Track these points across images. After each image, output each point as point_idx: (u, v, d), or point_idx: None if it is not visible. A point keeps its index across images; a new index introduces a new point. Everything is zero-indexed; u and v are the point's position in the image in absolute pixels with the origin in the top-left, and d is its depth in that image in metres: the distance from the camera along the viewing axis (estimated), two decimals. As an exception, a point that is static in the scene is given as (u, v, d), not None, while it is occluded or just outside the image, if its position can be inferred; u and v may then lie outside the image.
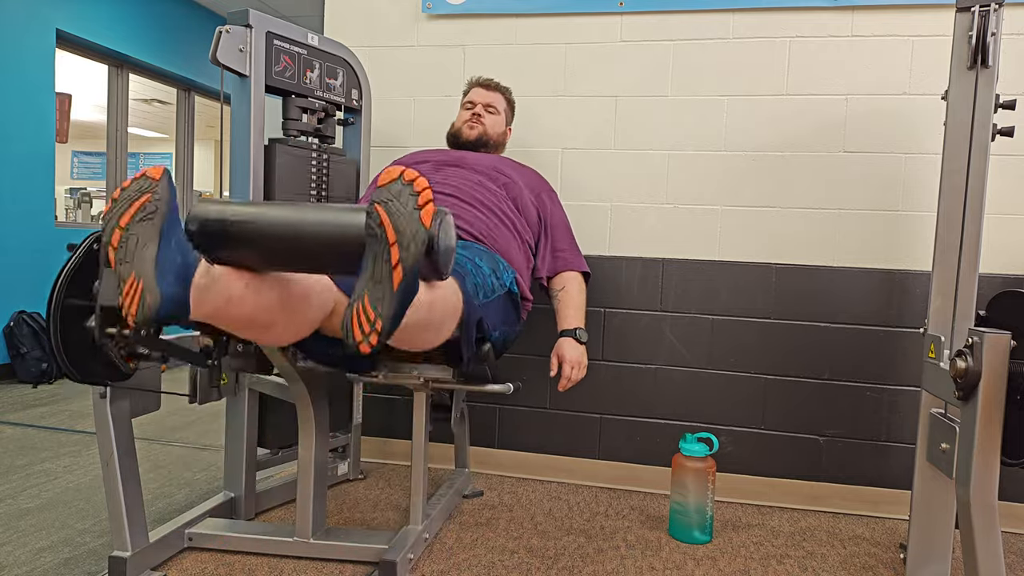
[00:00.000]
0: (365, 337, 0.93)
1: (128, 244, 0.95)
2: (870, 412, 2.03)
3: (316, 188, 1.92)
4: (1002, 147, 1.61)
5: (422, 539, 1.63)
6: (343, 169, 2.00)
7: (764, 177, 2.08)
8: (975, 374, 1.18)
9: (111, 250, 0.95)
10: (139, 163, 8.56)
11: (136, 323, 0.93)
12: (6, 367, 3.67)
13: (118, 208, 0.96)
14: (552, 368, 1.79)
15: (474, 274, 1.48)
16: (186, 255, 1.00)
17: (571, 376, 1.77)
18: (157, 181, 0.98)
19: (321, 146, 1.93)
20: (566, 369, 1.77)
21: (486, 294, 1.51)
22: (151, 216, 0.96)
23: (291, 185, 1.84)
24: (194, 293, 0.99)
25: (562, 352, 1.79)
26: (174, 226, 0.98)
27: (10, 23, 3.72)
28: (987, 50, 1.41)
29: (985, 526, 1.20)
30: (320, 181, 1.92)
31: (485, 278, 1.53)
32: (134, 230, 0.95)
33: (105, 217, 0.97)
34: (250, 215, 1.05)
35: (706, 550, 1.73)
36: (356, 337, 0.93)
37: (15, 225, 3.76)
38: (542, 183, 2.00)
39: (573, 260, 1.93)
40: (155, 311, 0.93)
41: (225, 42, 1.65)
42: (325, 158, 1.94)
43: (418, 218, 0.94)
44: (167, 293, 0.94)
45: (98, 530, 1.74)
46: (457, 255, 1.49)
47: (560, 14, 2.20)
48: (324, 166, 1.93)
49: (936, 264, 1.49)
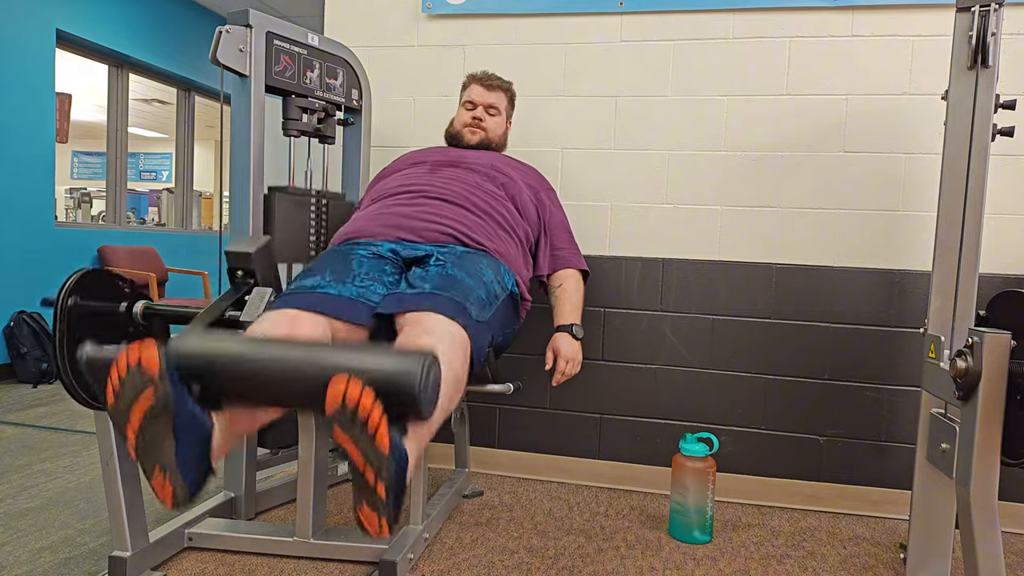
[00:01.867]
0: (379, 532, 1.01)
1: (144, 439, 0.98)
2: (870, 412, 2.03)
3: (315, 234, 1.95)
4: (1002, 147, 1.61)
5: (422, 539, 1.63)
6: (341, 212, 2.01)
7: (764, 177, 2.08)
8: (975, 374, 1.18)
9: (129, 444, 0.98)
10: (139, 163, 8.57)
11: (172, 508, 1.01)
12: (6, 367, 3.67)
13: (123, 405, 0.96)
14: (547, 362, 1.78)
15: (477, 288, 1.48)
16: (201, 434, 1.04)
17: (565, 371, 1.77)
18: (155, 380, 0.96)
19: (320, 192, 1.96)
20: (560, 364, 1.77)
21: (491, 304, 1.51)
22: (160, 415, 0.97)
23: (290, 233, 1.86)
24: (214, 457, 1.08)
25: (557, 347, 1.79)
26: (184, 414, 1.00)
27: (10, 23, 3.71)
28: (987, 50, 1.41)
29: (985, 526, 1.20)
30: (319, 227, 1.95)
31: (488, 286, 1.53)
32: (147, 428, 0.97)
33: (112, 412, 0.97)
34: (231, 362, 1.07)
35: (706, 550, 1.73)
36: (372, 534, 1.02)
37: (15, 225, 3.76)
38: (541, 181, 1.99)
39: (572, 258, 1.93)
40: (187, 499, 1.01)
41: (225, 42, 1.65)
42: (324, 203, 1.96)
43: (375, 447, 0.96)
44: (192, 479, 1.02)
45: (98, 530, 1.74)
46: (459, 270, 1.50)
47: (560, 14, 2.20)
48: (323, 212, 1.96)
49: (936, 264, 1.49)
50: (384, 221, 1.67)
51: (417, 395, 0.99)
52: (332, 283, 1.45)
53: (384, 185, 1.84)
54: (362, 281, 1.48)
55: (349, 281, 1.47)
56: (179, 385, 1.00)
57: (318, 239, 1.95)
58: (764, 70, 2.07)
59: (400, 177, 1.84)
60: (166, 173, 8.52)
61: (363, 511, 1.00)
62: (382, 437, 0.95)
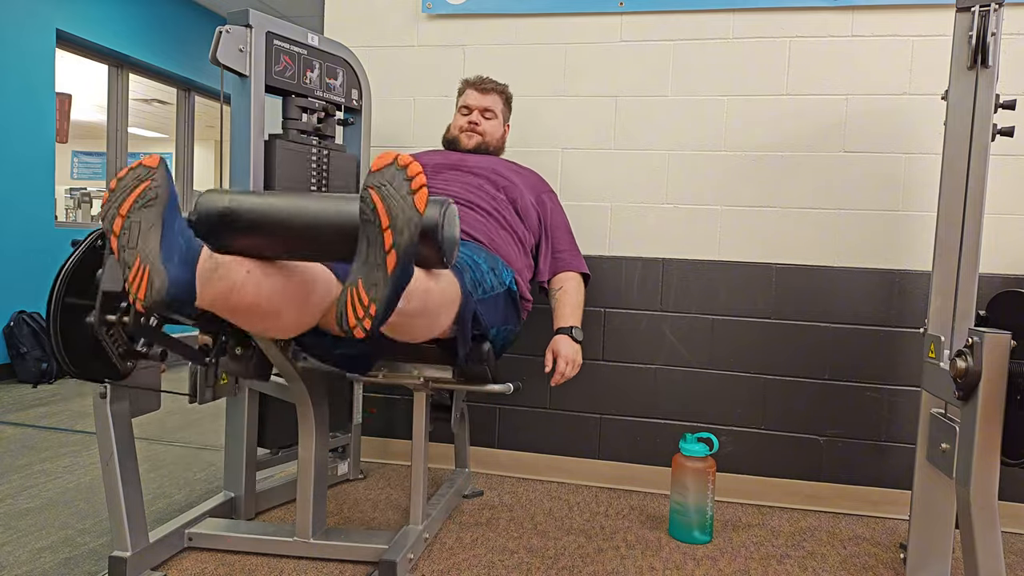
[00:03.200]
0: (359, 321, 0.93)
1: (131, 230, 0.94)
2: (870, 412, 2.03)
3: (316, 183, 1.92)
4: (1002, 147, 1.61)
5: (422, 539, 1.63)
6: (343, 164, 2.00)
7: (764, 177, 2.08)
8: (975, 374, 1.18)
9: (113, 237, 0.95)
10: (139, 163, 8.56)
11: (144, 306, 0.93)
12: (6, 367, 3.67)
13: (116, 197, 0.96)
14: (547, 364, 1.79)
15: (472, 270, 1.49)
16: (190, 240, 1.01)
17: (565, 372, 1.77)
18: (155, 168, 0.97)
19: (321, 142, 1.93)
20: (560, 365, 1.77)
21: (484, 291, 1.51)
22: (151, 203, 0.96)
23: (291, 180, 1.84)
24: (200, 276, 1.00)
25: (557, 348, 1.79)
26: (175, 211, 0.98)
27: (10, 23, 3.71)
28: (987, 50, 1.41)
29: (985, 526, 1.20)
30: (320, 176, 1.92)
31: (483, 275, 1.53)
32: (135, 216, 0.95)
33: (104, 206, 0.97)
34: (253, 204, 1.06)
35: (706, 550, 1.73)
36: (350, 322, 0.93)
37: (15, 225, 3.76)
38: (542, 185, 2.00)
39: (573, 261, 1.94)
40: (163, 293, 0.92)
41: (225, 42, 1.65)
42: (325, 153, 1.94)
43: (412, 203, 0.94)
44: (174, 275, 0.94)
45: (98, 530, 1.74)
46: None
47: (560, 14, 2.19)
48: (324, 161, 1.93)
49: (936, 264, 1.49)
50: None
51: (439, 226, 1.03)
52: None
53: None
54: None
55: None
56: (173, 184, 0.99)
57: (319, 188, 1.93)
58: (764, 70, 2.07)
59: None
60: (166, 173, 8.50)
61: (354, 291, 0.94)
62: (421, 198, 0.95)
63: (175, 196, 0.99)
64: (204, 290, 1.01)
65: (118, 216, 0.95)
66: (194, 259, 1.00)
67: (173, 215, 0.98)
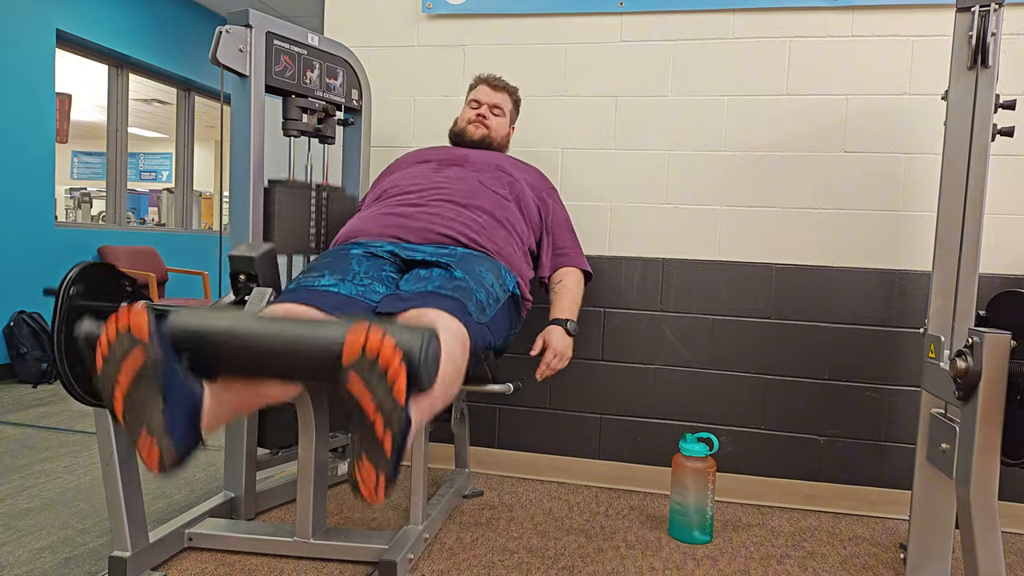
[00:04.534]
0: (374, 492, 0.99)
1: (132, 407, 0.97)
2: (870, 412, 2.03)
3: (315, 226, 1.94)
4: (1002, 147, 1.61)
5: (422, 539, 1.63)
6: (341, 205, 2.01)
7: (764, 177, 2.08)
8: (975, 374, 1.18)
9: (117, 408, 0.97)
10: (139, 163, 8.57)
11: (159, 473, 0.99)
12: (6, 367, 3.67)
13: (112, 368, 0.97)
14: (534, 348, 1.75)
15: (476, 289, 1.48)
16: (191, 399, 1.03)
17: (552, 364, 1.75)
18: (146, 341, 0.96)
19: (320, 185, 1.95)
20: (548, 356, 1.74)
21: (491, 306, 1.51)
22: (148, 378, 0.97)
23: (291, 225, 1.85)
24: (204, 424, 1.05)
25: (548, 339, 1.76)
26: (173, 379, 0.99)
27: (10, 23, 3.72)
28: (987, 50, 1.41)
29: (985, 526, 1.20)
30: (319, 219, 1.94)
31: (489, 289, 1.53)
32: (135, 392, 0.97)
33: (101, 376, 0.97)
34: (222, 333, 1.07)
35: (706, 550, 1.73)
36: (366, 495, 0.99)
37: (15, 225, 3.76)
38: (544, 182, 2.00)
39: (576, 258, 1.93)
40: (174, 465, 0.99)
41: (225, 42, 1.65)
42: (324, 196, 1.95)
43: (392, 397, 0.95)
44: (181, 444, 1.00)
45: (98, 530, 1.74)
46: (461, 271, 1.50)
47: (560, 14, 2.20)
48: (323, 204, 1.95)
49: (936, 264, 1.49)
50: (384, 222, 1.67)
51: (418, 363, 1.00)
52: (332, 281, 1.45)
53: (387, 184, 1.84)
54: (361, 280, 1.48)
55: (349, 280, 1.47)
56: (169, 348, 1.00)
57: (318, 232, 1.94)
58: (764, 70, 2.07)
59: (403, 176, 1.83)
60: (166, 173, 8.52)
61: (362, 467, 0.98)
62: (400, 386, 0.96)
63: (171, 362, 1.00)
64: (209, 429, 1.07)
65: (117, 388, 0.97)
66: (198, 417, 1.04)
67: (172, 384, 0.99)
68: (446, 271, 1.50)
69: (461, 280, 1.46)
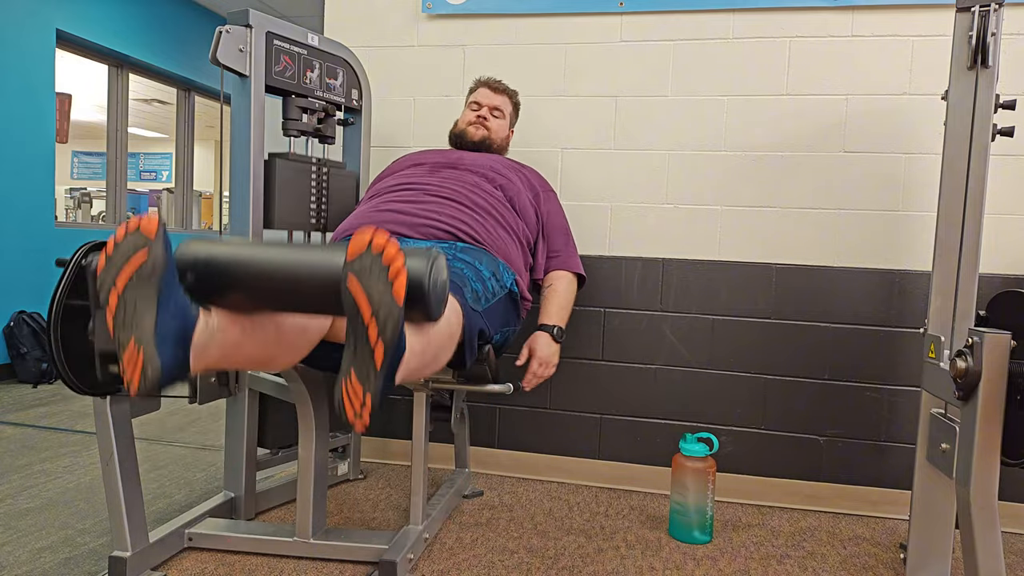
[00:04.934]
0: (358, 415, 0.94)
1: (126, 308, 0.93)
2: (870, 412, 2.03)
3: (316, 202, 1.93)
4: (1002, 147, 1.61)
5: (422, 539, 1.63)
6: (343, 182, 2.01)
7: (764, 177, 2.08)
8: (975, 374, 1.18)
9: (109, 312, 0.94)
10: (139, 163, 8.57)
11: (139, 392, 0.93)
12: (6, 367, 3.67)
13: (113, 267, 0.93)
14: (521, 358, 1.76)
15: (473, 280, 1.48)
16: (185, 316, 0.99)
17: (538, 373, 1.75)
18: (152, 239, 0.94)
19: (321, 160, 1.94)
20: (533, 365, 1.75)
21: (487, 299, 1.51)
22: (147, 278, 0.93)
23: (291, 200, 1.84)
24: (194, 351, 1.00)
25: (534, 346, 1.76)
26: (171, 288, 0.96)
27: (10, 23, 3.72)
28: (987, 50, 1.41)
29: (985, 526, 1.20)
30: (320, 195, 1.93)
31: (486, 282, 1.53)
32: (130, 293, 0.93)
33: (100, 276, 0.94)
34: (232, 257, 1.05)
35: (706, 550, 1.73)
36: (350, 416, 0.95)
37: (15, 225, 3.76)
38: (541, 183, 1.99)
39: (568, 261, 1.93)
40: (157, 381, 0.93)
41: (225, 42, 1.65)
42: (325, 171, 1.95)
43: (391, 295, 0.93)
44: (168, 362, 0.94)
45: (98, 530, 1.74)
46: (457, 261, 1.49)
47: (560, 14, 2.19)
48: (324, 180, 1.94)
49: (936, 264, 1.49)
50: (382, 217, 1.67)
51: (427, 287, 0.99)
52: None
53: (383, 184, 1.84)
54: None
55: None
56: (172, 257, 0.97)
57: (319, 207, 1.93)
58: (764, 70, 2.07)
59: (399, 177, 1.84)
60: (166, 173, 8.52)
61: (349, 384, 0.94)
62: (399, 287, 0.93)
63: (172, 270, 0.97)
64: (198, 362, 1.01)
65: (113, 289, 0.93)
66: (188, 337, 0.99)
67: (169, 292, 0.96)
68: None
69: (458, 269, 1.47)
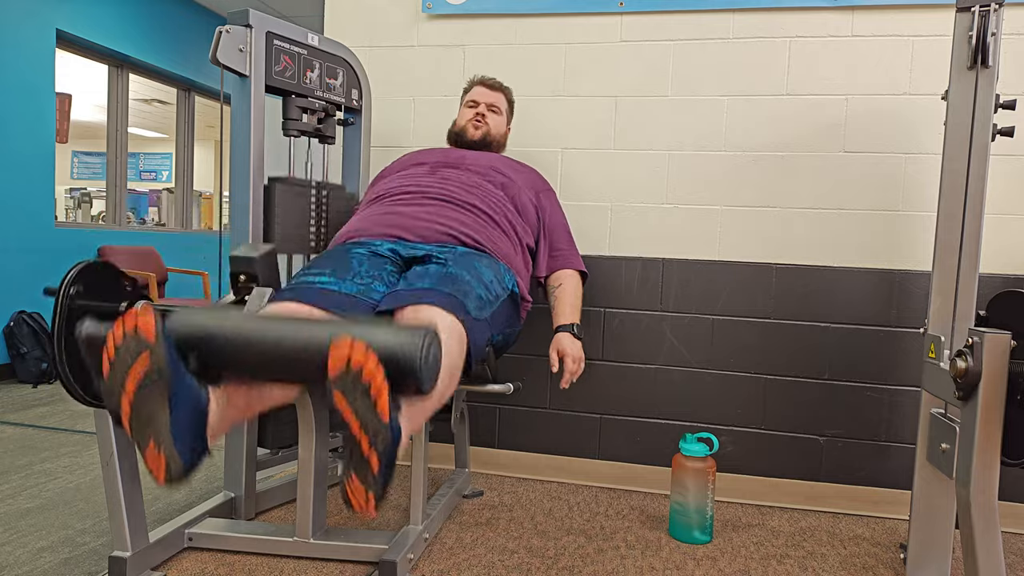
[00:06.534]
0: (365, 507, 0.99)
1: (139, 415, 0.96)
2: (870, 412, 2.03)
3: (315, 225, 1.94)
4: (1002, 147, 1.62)
5: (422, 539, 1.63)
6: (341, 204, 2.01)
7: (764, 177, 2.08)
8: (975, 374, 1.18)
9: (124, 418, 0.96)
10: (139, 163, 8.57)
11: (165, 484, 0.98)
12: (6, 367, 3.67)
13: (118, 371, 0.95)
14: (552, 364, 1.75)
15: (476, 287, 1.48)
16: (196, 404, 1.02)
17: (573, 370, 1.75)
18: (153, 343, 0.95)
19: (320, 183, 1.95)
20: (568, 363, 1.74)
21: (490, 303, 1.51)
22: (154, 384, 0.96)
23: (291, 225, 1.86)
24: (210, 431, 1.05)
25: (562, 347, 1.76)
26: (179, 383, 0.99)
27: (10, 23, 3.71)
28: (987, 50, 1.41)
29: (985, 526, 1.20)
30: (320, 218, 1.94)
31: (489, 286, 1.53)
32: (141, 399, 0.95)
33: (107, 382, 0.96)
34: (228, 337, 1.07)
35: (706, 550, 1.73)
36: (358, 509, 1.00)
37: (15, 225, 3.76)
38: (541, 182, 1.99)
39: (571, 259, 1.93)
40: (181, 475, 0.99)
41: (225, 42, 1.65)
42: (325, 194, 1.95)
43: (376, 413, 0.95)
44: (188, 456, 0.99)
45: (98, 530, 1.74)
46: (459, 269, 1.50)
47: (560, 14, 2.20)
48: (323, 202, 1.95)
49: (936, 264, 1.49)
50: (384, 221, 1.67)
51: (418, 367, 1.00)
52: (333, 280, 1.45)
53: (384, 185, 1.84)
54: (362, 279, 1.48)
55: (349, 279, 1.47)
56: (175, 352, 0.99)
57: (319, 230, 1.94)
58: (764, 70, 2.07)
59: (400, 177, 1.84)
60: (166, 173, 8.51)
61: (351, 484, 0.98)
62: (383, 404, 0.96)
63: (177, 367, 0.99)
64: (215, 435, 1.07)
65: (124, 394, 0.95)
66: (204, 423, 1.03)
67: (178, 388, 0.98)
68: (445, 267, 1.50)
69: (460, 276, 1.47)
